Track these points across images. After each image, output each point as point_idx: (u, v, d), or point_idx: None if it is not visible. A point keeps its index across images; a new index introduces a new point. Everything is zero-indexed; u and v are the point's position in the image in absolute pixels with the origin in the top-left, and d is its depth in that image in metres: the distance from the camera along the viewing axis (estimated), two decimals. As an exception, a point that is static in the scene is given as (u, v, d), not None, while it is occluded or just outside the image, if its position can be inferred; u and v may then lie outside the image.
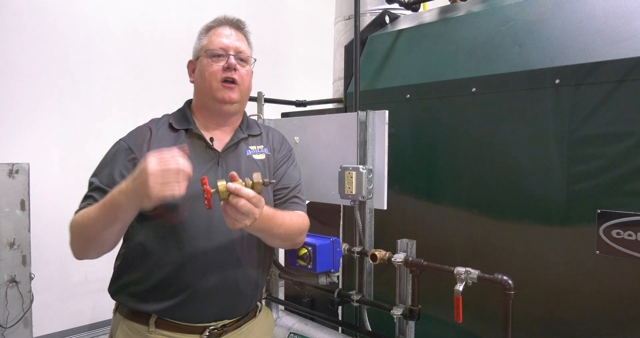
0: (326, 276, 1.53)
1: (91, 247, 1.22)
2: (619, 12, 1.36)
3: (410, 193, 1.79)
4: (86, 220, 1.17)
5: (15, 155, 3.35)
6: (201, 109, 1.42)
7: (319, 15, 4.71)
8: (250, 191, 1.09)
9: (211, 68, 1.35)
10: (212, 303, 1.33)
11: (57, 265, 3.63)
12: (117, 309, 1.39)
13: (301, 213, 1.44)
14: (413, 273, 1.43)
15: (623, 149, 1.30)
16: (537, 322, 1.46)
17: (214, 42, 1.37)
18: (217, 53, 1.36)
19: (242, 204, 1.07)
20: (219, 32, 1.40)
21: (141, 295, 1.30)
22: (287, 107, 2.69)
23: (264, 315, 1.52)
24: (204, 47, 1.38)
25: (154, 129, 1.36)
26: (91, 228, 1.17)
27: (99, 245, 1.21)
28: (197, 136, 1.37)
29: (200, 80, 1.38)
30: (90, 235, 1.18)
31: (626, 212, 1.28)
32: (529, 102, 1.47)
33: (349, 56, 2.07)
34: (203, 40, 1.40)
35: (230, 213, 1.10)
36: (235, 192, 1.07)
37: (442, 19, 1.87)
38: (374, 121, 1.64)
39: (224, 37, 1.39)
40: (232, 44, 1.39)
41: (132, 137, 1.35)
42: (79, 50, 3.76)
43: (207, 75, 1.35)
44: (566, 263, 1.40)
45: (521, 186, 1.49)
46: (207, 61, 1.36)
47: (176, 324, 1.31)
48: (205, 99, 1.39)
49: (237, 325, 1.40)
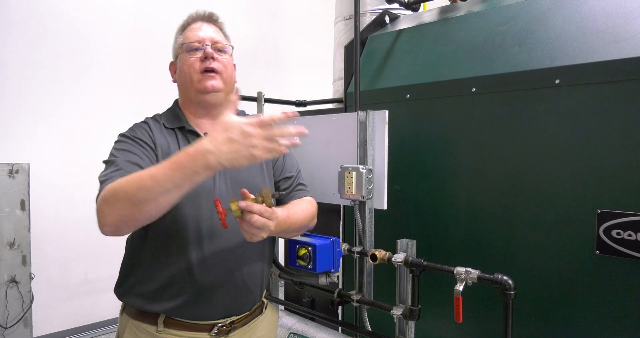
0: (326, 276, 1.53)
1: (139, 214, 1.07)
2: (619, 12, 1.36)
3: (410, 193, 1.79)
4: (142, 182, 1.03)
5: (15, 155, 3.35)
6: (188, 105, 1.42)
7: (319, 15, 4.72)
8: (261, 207, 1.11)
9: (189, 61, 1.36)
10: (219, 300, 1.33)
11: (57, 265, 3.63)
12: (124, 310, 1.38)
13: (309, 199, 1.49)
14: (413, 273, 1.43)
15: (623, 149, 1.30)
16: (537, 322, 1.46)
17: (189, 37, 1.39)
18: (193, 46, 1.37)
19: (256, 220, 1.10)
20: (192, 28, 1.41)
21: (149, 295, 1.30)
22: (287, 107, 2.69)
23: (269, 311, 1.54)
24: (181, 44, 1.40)
25: (151, 125, 1.37)
26: (148, 189, 1.03)
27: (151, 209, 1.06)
28: (191, 132, 1.37)
29: (181, 75, 1.39)
30: (147, 197, 1.03)
31: (626, 212, 1.28)
32: (529, 102, 1.47)
33: (349, 56, 2.07)
34: (179, 39, 1.42)
35: (246, 228, 1.12)
36: (248, 209, 1.09)
37: (442, 19, 1.87)
38: (374, 121, 1.64)
39: (198, 30, 1.40)
40: (207, 35, 1.39)
41: (138, 131, 1.34)
42: (78, 49, 3.76)
43: (186, 68, 1.36)
44: (566, 263, 1.40)
45: (521, 186, 1.49)
46: (184, 56, 1.37)
47: (185, 323, 1.31)
48: (188, 93, 1.39)
49: (245, 322, 1.41)
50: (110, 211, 1.08)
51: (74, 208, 3.64)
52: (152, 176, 1.03)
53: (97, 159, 1.36)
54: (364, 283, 1.67)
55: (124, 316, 1.37)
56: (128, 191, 1.05)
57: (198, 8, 1.46)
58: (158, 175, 1.02)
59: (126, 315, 1.36)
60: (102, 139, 3.72)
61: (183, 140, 1.36)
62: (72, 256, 3.66)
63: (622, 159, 1.30)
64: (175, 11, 4.24)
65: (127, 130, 1.36)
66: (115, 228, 1.11)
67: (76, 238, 3.63)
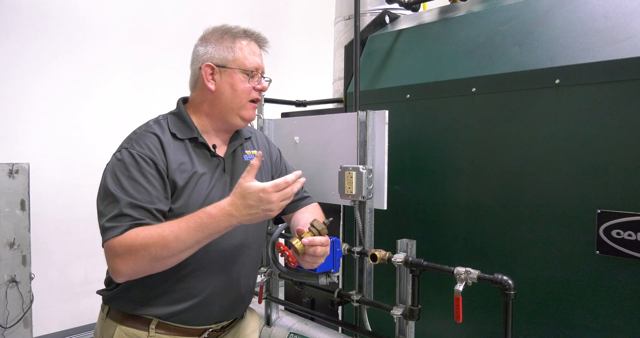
0: (326, 276, 1.53)
1: (159, 268, 1.16)
2: (619, 12, 1.36)
3: (410, 193, 1.79)
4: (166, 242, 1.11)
5: (15, 155, 3.35)
6: (213, 118, 1.38)
7: (319, 15, 4.72)
8: (322, 239, 1.26)
9: (246, 86, 1.35)
10: (216, 307, 1.34)
11: (57, 265, 3.63)
12: (107, 315, 1.33)
13: (315, 204, 1.60)
14: (413, 273, 1.43)
15: (623, 149, 1.30)
16: (537, 322, 1.46)
17: (250, 61, 1.36)
18: (252, 73, 1.36)
19: (320, 251, 1.25)
20: (252, 50, 1.38)
21: (144, 300, 1.28)
22: (287, 107, 2.69)
23: (249, 313, 1.57)
24: (237, 61, 1.34)
25: (163, 138, 1.28)
26: (172, 248, 1.12)
27: (172, 263, 1.16)
28: (202, 145, 1.35)
29: (230, 93, 1.34)
30: (170, 255, 1.13)
31: (626, 212, 1.28)
32: (529, 102, 1.47)
33: (349, 56, 2.07)
34: (235, 52, 1.35)
35: (310, 260, 1.26)
36: (311, 244, 1.23)
37: (442, 19, 1.87)
38: (374, 121, 1.64)
39: (257, 56, 1.39)
40: (262, 65, 1.41)
41: (146, 147, 1.25)
42: (79, 49, 3.76)
43: (241, 92, 1.35)
44: (566, 263, 1.40)
45: (521, 186, 1.49)
46: (241, 77, 1.34)
47: (178, 327, 1.30)
48: (227, 111, 1.36)
49: (232, 325, 1.45)
50: (129, 265, 1.13)
51: (74, 208, 3.64)
52: (176, 237, 1.11)
53: (97, 159, 1.35)
54: (364, 283, 1.67)
55: (108, 321, 1.31)
56: (151, 250, 1.11)
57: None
58: (182, 235, 1.11)
59: (111, 321, 1.30)
60: (103, 139, 3.73)
61: (194, 153, 1.32)
62: (72, 256, 3.66)
63: (622, 159, 1.30)
64: (176, 12, 4.26)
65: (134, 145, 1.25)
66: (131, 277, 1.18)
67: (76, 238, 3.63)
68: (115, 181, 1.19)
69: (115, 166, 1.22)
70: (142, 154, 1.22)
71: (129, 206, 1.15)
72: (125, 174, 1.20)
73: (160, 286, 1.26)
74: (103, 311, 1.35)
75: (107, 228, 1.14)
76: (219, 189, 1.33)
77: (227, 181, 1.36)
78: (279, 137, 2.05)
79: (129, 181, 1.19)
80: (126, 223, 1.14)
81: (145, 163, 1.21)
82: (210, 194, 1.30)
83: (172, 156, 1.26)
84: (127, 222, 1.14)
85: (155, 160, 1.23)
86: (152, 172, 1.21)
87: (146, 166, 1.21)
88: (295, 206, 1.55)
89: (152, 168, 1.22)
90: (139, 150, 1.23)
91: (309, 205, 1.58)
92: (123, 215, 1.15)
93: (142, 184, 1.19)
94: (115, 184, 1.19)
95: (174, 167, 1.25)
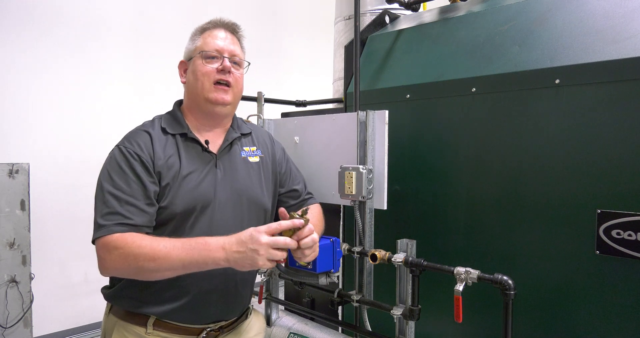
0: (326, 276, 1.53)
1: (142, 277, 1.20)
2: (619, 12, 1.36)
3: (410, 193, 1.79)
4: (155, 257, 1.15)
5: (15, 155, 3.35)
6: (193, 110, 1.41)
7: (319, 15, 4.72)
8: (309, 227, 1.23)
9: (205, 69, 1.35)
10: (212, 306, 1.34)
11: (57, 265, 3.63)
12: (110, 310, 1.37)
13: (317, 205, 1.61)
14: (413, 273, 1.43)
15: (623, 149, 1.30)
16: (537, 322, 1.46)
17: (209, 44, 1.37)
18: (211, 55, 1.36)
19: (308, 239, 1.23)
20: (214, 34, 1.39)
21: (142, 298, 1.29)
22: (287, 107, 2.69)
23: (254, 316, 1.57)
24: (198, 48, 1.38)
25: (152, 133, 1.34)
26: (159, 263, 1.15)
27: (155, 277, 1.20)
28: (192, 140, 1.37)
29: (193, 80, 1.37)
30: (156, 269, 1.16)
31: (626, 212, 1.28)
32: (529, 102, 1.47)
33: (349, 56, 2.07)
34: (197, 41, 1.40)
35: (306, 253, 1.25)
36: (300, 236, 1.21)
37: (442, 19, 1.87)
38: (374, 121, 1.64)
39: (219, 39, 1.39)
40: (227, 47, 1.39)
41: (135, 144, 1.30)
42: (78, 49, 3.76)
43: (200, 75, 1.35)
44: (566, 263, 1.40)
45: (521, 186, 1.49)
46: (200, 62, 1.36)
47: (175, 325, 1.31)
48: (197, 99, 1.38)
49: (232, 326, 1.44)
50: (115, 264, 1.18)
51: (74, 208, 3.64)
52: (166, 256, 1.15)
53: (97, 160, 1.36)
54: (364, 283, 1.67)
55: (111, 317, 1.35)
56: (139, 259, 1.15)
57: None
58: (171, 256, 1.14)
59: (113, 316, 1.34)
60: (103, 139, 3.72)
61: (183, 148, 1.35)
62: (72, 256, 3.66)
63: (622, 159, 1.30)
64: (177, 13, 4.26)
65: (125, 142, 1.31)
66: (114, 275, 1.25)
67: (76, 238, 3.62)
68: (106, 178, 1.26)
69: (107, 163, 1.29)
70: (130, 150, 1.28)
71: (118, 204, 1.21)
72: (115, 170, 1.26)
73: (157, 284, 1.26)
74: (107, 307, 1.40)
75: (101, 225, 1.20)
76: (208, 185, 1.33)
77: (219, 177, 1.36)
78: (279, 137, 2.04)
79: (119, 176, 1.24)
80: (114, 222, 1.20)
81: (132, 158, 1.27)
82: (198, 190, 1.30)
83: (160, 151, 1.30)
84: (116, 220, 1.20)
85: (142, 156, 1.27)
86: (139, 168, 1.26)
87: (134, 162, 1.26)
88: (297, 208, 1.55)
89: (139, 163, 1.26)
90: (128, 147, 1.29)
91: (314, 205, 1.59)
92: (113, 213, 1.20)
93: (131, 180, 1.24)
94: (106, 181, 1.25)
95: (160, 162, 1.29)
